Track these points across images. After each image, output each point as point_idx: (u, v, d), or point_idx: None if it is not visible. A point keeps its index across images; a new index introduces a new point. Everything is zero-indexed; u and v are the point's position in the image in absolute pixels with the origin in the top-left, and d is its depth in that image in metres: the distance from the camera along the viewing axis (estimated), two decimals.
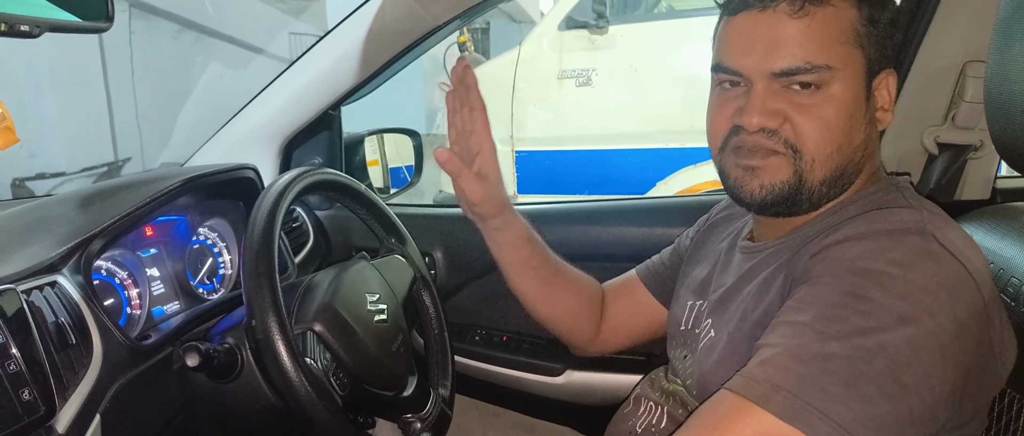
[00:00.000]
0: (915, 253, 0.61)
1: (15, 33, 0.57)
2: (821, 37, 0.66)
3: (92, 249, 0.84)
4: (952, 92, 1.10)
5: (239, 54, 5.52)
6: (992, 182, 1.16)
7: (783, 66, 0.67)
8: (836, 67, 0.67)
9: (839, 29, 0.67)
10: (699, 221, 1.00)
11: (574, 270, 1.03)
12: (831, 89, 0.67)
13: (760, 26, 0.68)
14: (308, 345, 0.82)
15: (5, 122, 0.64)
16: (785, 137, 0.69)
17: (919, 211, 0.66)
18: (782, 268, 0.71)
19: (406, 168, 1.61)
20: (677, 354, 0.88)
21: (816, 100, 0.68)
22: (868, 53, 0.69)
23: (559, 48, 3.85)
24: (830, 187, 0.71)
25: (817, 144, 0.68)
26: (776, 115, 0.68)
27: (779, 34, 0.67)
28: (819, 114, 0.68)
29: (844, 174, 0.71)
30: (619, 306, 1.04)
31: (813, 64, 0.66)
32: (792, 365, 0.57)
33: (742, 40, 0.70)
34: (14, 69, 3.82)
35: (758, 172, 0.71)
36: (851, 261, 0.61)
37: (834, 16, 0.67)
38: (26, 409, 0.67)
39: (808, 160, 0.69)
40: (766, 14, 0.68)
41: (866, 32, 0.68)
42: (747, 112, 0.69)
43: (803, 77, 0.67)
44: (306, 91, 1.25)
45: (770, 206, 0.72)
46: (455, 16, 1.16)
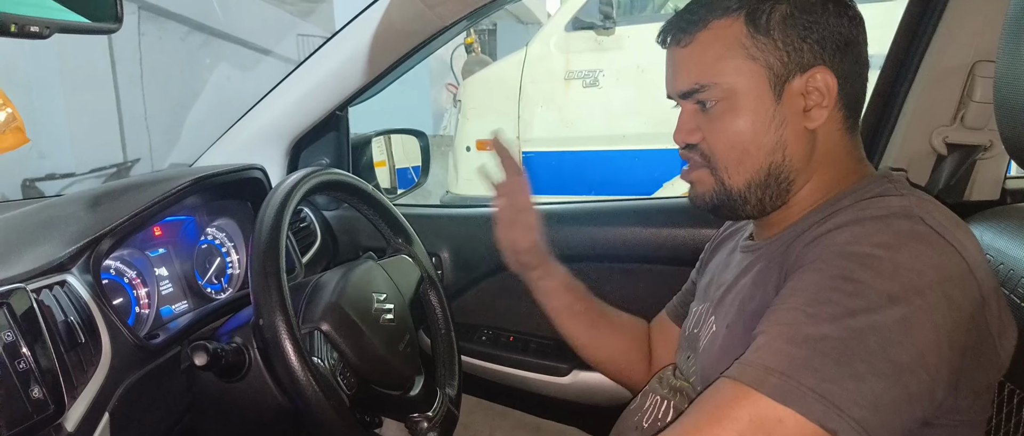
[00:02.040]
0: (903, 235, 0.62)
1: (25, 34, 0.57)
2: (706, 58, 0.73)
3: (101, 249, 0.85)
4: (961, 92, 1.09)
5: (247, 56, 5.55)
6: (1002, 183, 1.15)
7: (681, 88, 0.76)
8: (724, 83, 0.73)
9: (724, 47, 0.72)
10: (707, 245, 1.02)
11: (618, 313, 1.10)
12: (725, 103, 0.73)
13: (669, 58, 0.79)
14: (315, 344, 0.82)
15: (16, 122, 0.65)
16: (702, 150, 0.77)
17: (908, 197, 0.67)
18: (777, 258, 0.73)
19: (413, 169, 1.61)
20: (682, 356, 0.89)
21: (715, 114, 0.74)
22: (766, 62, 0.72)
23: (566, 49, 3.85)
24: (763, 188, 0.75)
25: (724, 152, 0.75)
26: (694, 132, 0.77)
27: (675, 63, 0.77)
28: (721, 126, 0.74)
29: (770, 175, 0.74)
30: (661, 344, 1.06)
31: (701, 83, 0.74)
32: (784, 347, 0.59)
33: (665, 73, 0.80)
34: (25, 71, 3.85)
35: (693, 185, 0.80)
36: (840, 246, 0.63)
37: (715, 37, 0.73)
38: (36, 407, 0.67)
39: (722, 168, 0.76)
40: (669, 49, 0.79)
41: (754, 43, 0.71)
42: (674, 131, 0.79)
43: (699, 96, 0.75)
44: (313, 92, 1.25)
45: (712, 211, 0.79)
46: (462, 17, 1.16)
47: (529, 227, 1.02)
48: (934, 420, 0.62)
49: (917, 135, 1.14)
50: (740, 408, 0.59)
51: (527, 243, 1.01)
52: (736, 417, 0.59)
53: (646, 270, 1.30)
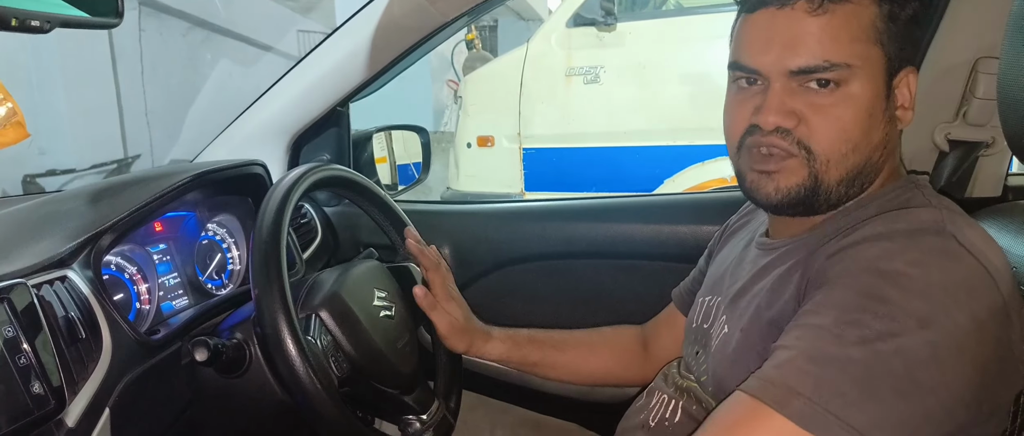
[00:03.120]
0: (933, 253, 0.60)
1: (26, 28, 0.57)
2: (840, 34, 0.66)
3: (102, 244, 0.85)
4: (964, 88, 1.09)
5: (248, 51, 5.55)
6: (1004, 179, 1.14)
7: (801, 64, 0.66)
8: (855, 65, 0.66)
9: (859, 26, 0.66)
10: (716, 234, 1.01)
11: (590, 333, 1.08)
12: (849, 88, 0.67)
13: (778, 23, 0.67)
14: (311, 327, 0.82)
15: (16, 117, 0.65)
16: (798, 137, 0.68)
17: (938, 210, 0.65)
18: (798, 267, 0.70)
19: (414, 165, 1.61)
20: (690, 351, 0.88)
21: (834, 99, 0.67)
22: (888, 51, 0.67)
23: (567, 45, 3.84)
24: (848, 187, 0.70)
25: (832, 144, 0.68)
26: (792, 115, 0.67)
27: (797, 31, 0.66)
28: (836, 114, 0.67)
29: (862, 173, 0.70)
30: (664, 339, 1.05)
31: (832, 62, 0.66)
32: (809, 368, 0.57)
33: (760, 38, 0.69)
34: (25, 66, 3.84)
35: (773, 176, 0.70)
36: (869, 262, 0.60)
37: (854, 13, 0.66)
38: (36, 402, 0.67)
39: (822, 160, 0.68)
40: (784, 12, 0.67)
41: (885, 29, 0.67)
42: (764, 111, 0.68)
43: (821, 75, 0.66)
44: (314, 88, 1.25)
45: (786, 208, 0.71)
46: (463, 13, 1.16)
47: (460, 302, 1.02)
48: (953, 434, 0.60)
49: (919, 131, 1.13)
50: (760, 428, 0.57)
51: (462, 317, 1.00)
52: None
53: (647, 267, 1.30)
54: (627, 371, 1.06)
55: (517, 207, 1.53)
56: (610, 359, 1.06)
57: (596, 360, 1.06)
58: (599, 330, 1.09)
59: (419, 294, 0.96)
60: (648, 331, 1.09)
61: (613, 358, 1.06)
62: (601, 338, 1.08)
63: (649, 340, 1.07)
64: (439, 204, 1.94)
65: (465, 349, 1.00)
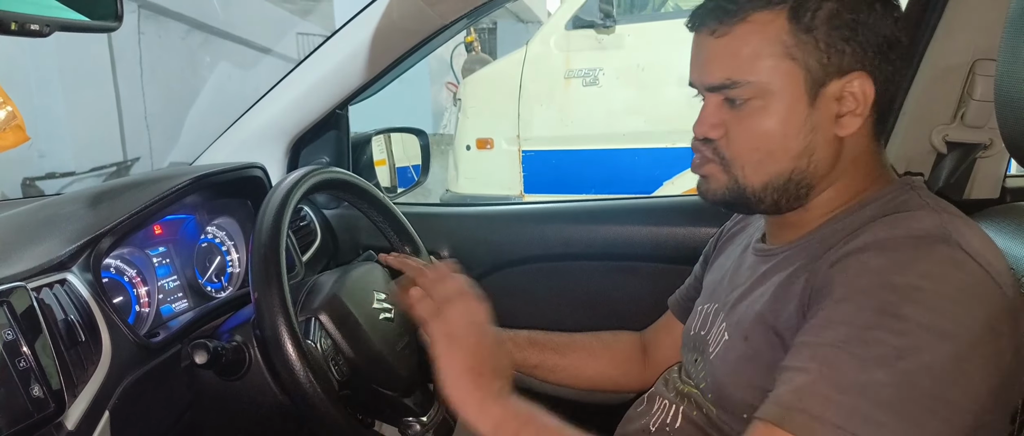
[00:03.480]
0: (943, 263, 0.59)
1: (25, 32, 0.57)
2: (742, 54, 0.69)
3: (101, 247, 0.85)
4: (961, 90, 1.09)
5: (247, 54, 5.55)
6: (1002, 181, 1.15)
7: (709, 82, 0.72)
8: (759, 81, 0.68)
9: (762, 43, 0.68)
10: (711, 240, 1.01)
11: (589, 337, 1.08)
12: (756, 102, 0.69)
13: (695, 45, 0.74)
14: (311, 330, 0.82)
15: (16, 120, 0.65)
16: (717, 146, 0.73)
17: (938, 213, 0.65)
18: (800, 273, 0.70)
19: (413, 167, 1.61)
20: (689, 358, 0.88)
21: (744, 113, 0.70)
22: (805, 64, 0.67)
23: (566, 48, 3.85)
24: (781, 192, 0.72)
25: (742, 153, 0.72)
26: (717, 127, 0.72)
27: (706, 52, 0.72)
28: (746, 126, 0.71)
29: (791, 180, 0.71)
30: (663, 344, 1.05)
31: (733, 80, 0.69)
32: (833, 395, 0.56)
33: (691, 58, 0.75)
34: (25, 69, 3.85)
35: (705, 179, 0.76)
36: (878, 275, 0.60)
37: (755, 32, 0.68)
38: (36, 405, 0.67)
39: (738, 167, 0.72)
40: (697, 35, 0.73)
41: (796, 42, 0.67)
42: (695, 123, 0.75)
43: (728, 92, 0.70)
44: (313, 91, 1.25)
45: (723, 205, 0.76)
46: (462, 15, 1.16)
47: None
48: None
49: (917, 133, 1.13)
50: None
51: None
52: None
53: (646, 269, 1.30)
54: (626, 377, 1.06)
55: (516, 209, 1.53)
56: (609, 364, 1.06)
57: (595, 365, 1.06)
58: (599, 335, 1.09)
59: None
60: (647, 337, 1.09)
61: (612, 364, 1.06)
62: (601, 343, 1.07)
63: (648, 346, 1.07)
64: (438, 206, 1.94)
65: None
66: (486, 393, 0.70)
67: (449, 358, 0.71)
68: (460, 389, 0.70)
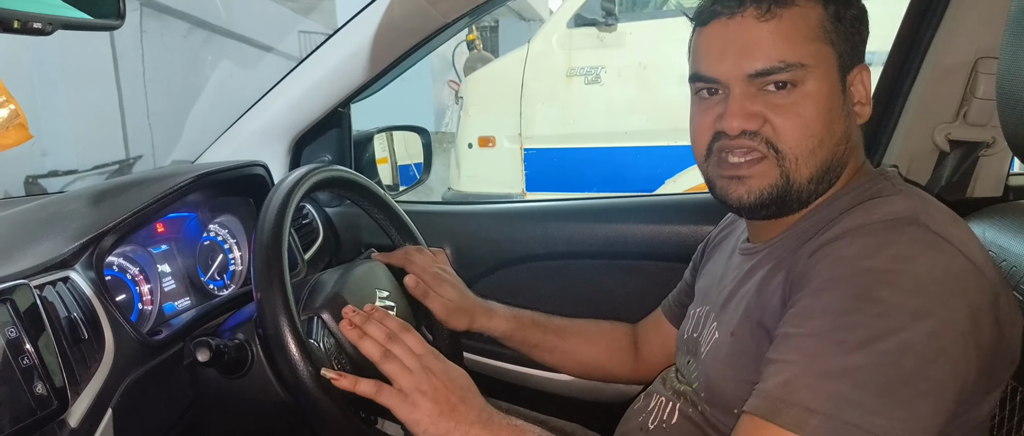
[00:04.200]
0: (915, 245, 0.61)
1: (28, 30, 0.57)
2: (791, 36, 0.68)
3: (104, 245, 0.85)
4: (964, 89, 1.09)
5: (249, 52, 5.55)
6: (1004, 179, 1.15)
7: (758, 67, 0.69)
8: (809, 64, 0.68)
9: (808, 27, 0.69)
10: (700, 246, 1.02)
11: (586, 323, 1.10)
12: (806, 86, 0.69)
13: (730, 32, 0.70)
14: (313, 329, 0.82)
15: (19, 119, 0.65)
16: (766, 137, 0.70)
17: (910, 197, 0.66)
18: (780, 267, 0.71)
19: (415, 166, 1.61)
20: (683, 360, 0.89)
21: (793, 99, 0.69)
22: (838, 49, 0.70)
23: (568, 46, 3.84)
24: (818, 183, 0.72)
25: (798, 141, 0.69)
26: (755, 117, 0.69)
27: (750, 37, 0.69)
28: (797, 112, 0.69)
29: (830, 169, 0.71)
30: (652, 342, 1.07)
31: (787, 63, 0.68)
32: (818, 384, 0.57)
33: (715, 48, 0.72)
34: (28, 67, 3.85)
35: (745, 180, 0.72)
36: (853, 261, 0.61)
37: (801, 15, 0.69)
38: (39, 403, 0.68)
39: (792, 159, 0.70)
40: (735, 20, 0.70)
41: (833, 28, 0.70)
42: (727, 117, 0.70)
43: (778, 76, 0.68)
44: (315, 89, 1.25)
45: (759, 209, 0.73)
46: (464, 14, 1.16)
47: (454, 283, 1.02)
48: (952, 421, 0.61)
49: (919, 132, 1.13)
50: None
51: (457, 296, 1.01)
52: None
53: (648, 267, 1.30)
54: (619, 367, 1.08)
55: (518, 207, 1.53)
56: (603, 352, 1.08)
57: (592, 351, 1.07)
58: (598, 322, 1.11)
59: (410, 284, 0.98)
60: (638, 331, 1.11)
61: (607, 351, 1.08)
62: (599, 330, 1.09)
63: (639, 340, 1.09)
64: (440, 204, 1.94)
65: (467, 326, 1.02)
66: (466, 425, 0.70)
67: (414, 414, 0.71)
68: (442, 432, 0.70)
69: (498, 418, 0.72)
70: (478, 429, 0.70)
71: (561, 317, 1.09)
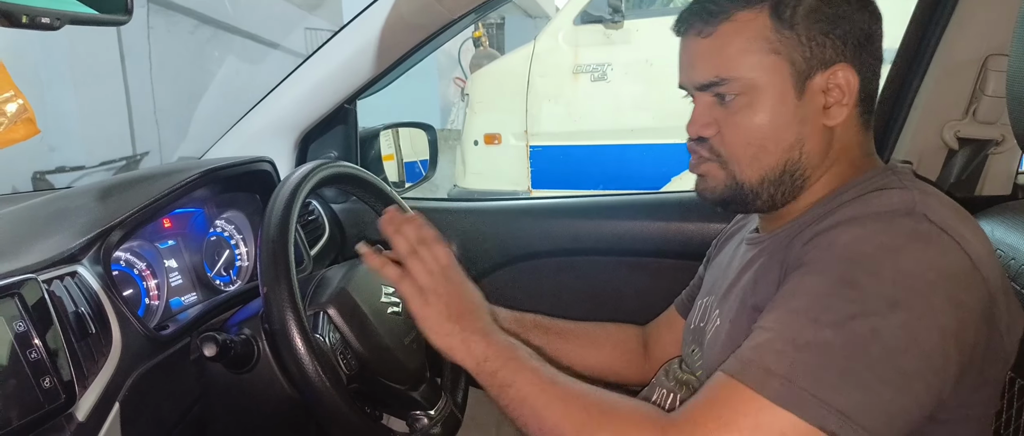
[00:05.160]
0: (905, 235, 0.61)
1: (36, 25, 0.57)
2: (728, 51, 0.71)
3: (111, 240, 0.85)
4: (973, 86, 1.09)
5: (255, 49, 5.56)
6: (1014, 177, 1.14)
7: (699, 80, 0.74)
8: (747, 76, 0.71)
9: (747, 40, 0.70)
10: (715, 240, 1.02)
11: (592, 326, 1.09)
12: (746, 97, 0.71)
13: (683, 47, 0.77)
14: (319, 324, 0.82)
15: (27, 114, 0.65)
16: (712, 145, 0.75)
17: (910, 191, 0.66)
18: (778, 254, 0.72)
19: (421, 162, 1.61)
20: (688, 350, 0.89)
21: (735, 108, 0.72)
22: (790, 57, 0.70)
23: (574, 43, 3.84)
24: (776, 185, 0.74)
25: (737, 148, 0.73)
26: (709, 125, 0.75)
27: (693, 52, 0.75)
28: (738, 121, 0.72)
29: (786, 171, 0.73)
30: (664, 340, 1.06)
31: (722, 77, 0.72)
32: (785, 350, 0.59)
33: (679, 60, 0.78)
34: (35, 63, 3.87)
35: (702, 178, 0.78)
36: (842, 248, 0.63)
37: (737, 30, 0.71)
38: (47, 397, 0.68)
39: (734, 163, 0.74)
40: (686, 37, 0.76)
41: (779, 37, 0.70)
42: (688, 123, 0.77)
43: (718, 89, 0.73)
44: (322, 85, 1.25)
45: (721, 205, 0.78)
46: (470, 10, 1.16)
47: None
48: (940, 415, 0.62)
49: (928, 129, 1.13)
50: (741, 409, 0.59)
51: None
52: (734, 420, 0.58)
53: (655, 264, 1.30)
54: (627, 369, 1.07)
55: (524, 205, 1.53)
56: (611, 355, 1.07)
57: (598, 354, 1.07)
58: (603, 325, 1.10)
59: None
60: (649, 332, 1.10)
61: (614, 354, 1.07)
62: (604, 333, 1.09)
63: (649, 340, 1.09)
64: (446, 201, 1.94)
65: None
66: (469, 332, 0.74)
67: (424, 310, 0.75)
68: (442, 335, 0.74)
69: (499, 335, 0.76)
70: (478, 338, 0.74)
71: (565, 320, 1.08)
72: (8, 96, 0.65)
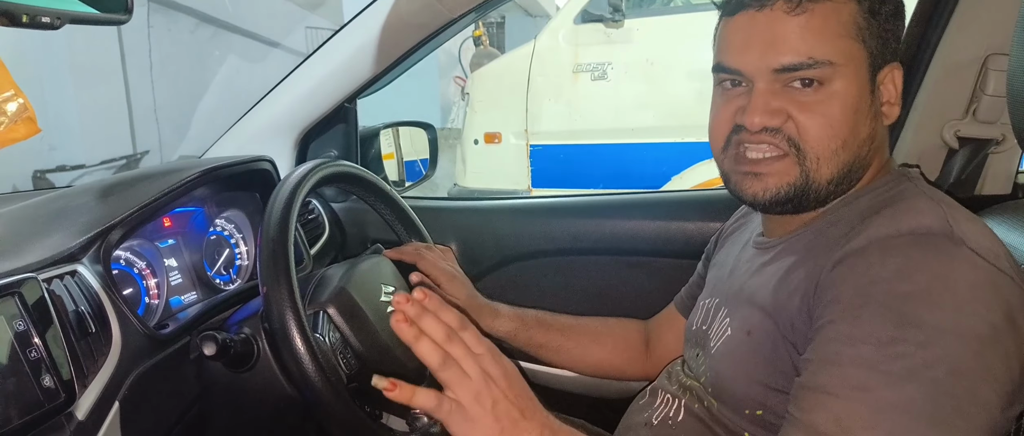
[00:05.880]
0: (952, 262, 0.59)
1: (36, 25, 0.57)
2: (821, 32, 0.66)
3: (111, 239, 0.85)
4: (973, 86, 1.08)
5: (256, 48, 5.56)
6: (1014, 177, 1.14)
7: (785, 62, 0.67)
8: (838, 62, 0.66)
9: (839, 23, 0.66)
10: (713, 237, 1.01)
11: (595, 321, 1.09)
12: (834, 85, 0.67)
13: (758, 24, 0.68)
14: (319, 323, 0.83)
15: (27, 113, 0.65)
16: (788, 135, 0.68)
17: (938, 205, 0.64)
18: (798, 267, 0.69)
19: (421, 161, 1.61)
20: (691, 353, 0.88)
21: (819, 97, 0.67)
22: (870, 47, 0.68)
23: (574, 42, 3.83)
24: (837, 184, 0.70)
25: (821, 141, 0.68)
26: (778, 113, 0.68)
27: (778, 31, 0.67)
28: (822, 111, 0.67)
29: (851, 171, 0.70)
30: (665, 337, 1.06)
31: (815, 59, 0.66)
32: (874, 419, 0.55)
33: (740, 39, 0.70)
34: (36, 62, 3.87)
35: (762, 177, 0.71)
36: (889, 282, 0.58)
37: (833, 10, 0.66)
38: (47, 395, 0.68)
39: (813, 158, 0.68)
40: (763, 13, 0.68)
41: (867, 25, 0.67)
42: (749, 111, 0.68)
43: (805, 73, 0.67)
44: (322, 84, 1.25)
45: (774, 207, 0.72)
46: (470, 9, 1.16)
47: (463, 281, 1.04)
48: None
49: (929, 129, 1.13)
50: None
51: (464, 295, 1.02)
52: None
53: (654, 263, 1.30)
54: (629, 365, 1.07)
55: (524, 203, 1.53)
56: (613, 351, 1.07)
57: (600, 350, 1.07)
58: (605, 320, 1.10)
59: (415, 280, 0.99)
60: (651, 328, 1.09)
61: (616, 350, 1.07)
62: (606, 329, 1.09)
63: (651, 337, 1.08)
64: (446, 200, 1.94)
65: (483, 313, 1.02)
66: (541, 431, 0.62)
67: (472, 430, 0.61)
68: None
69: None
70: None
71: (567, 316, 1.09)
72: (8, 95, 0.64)
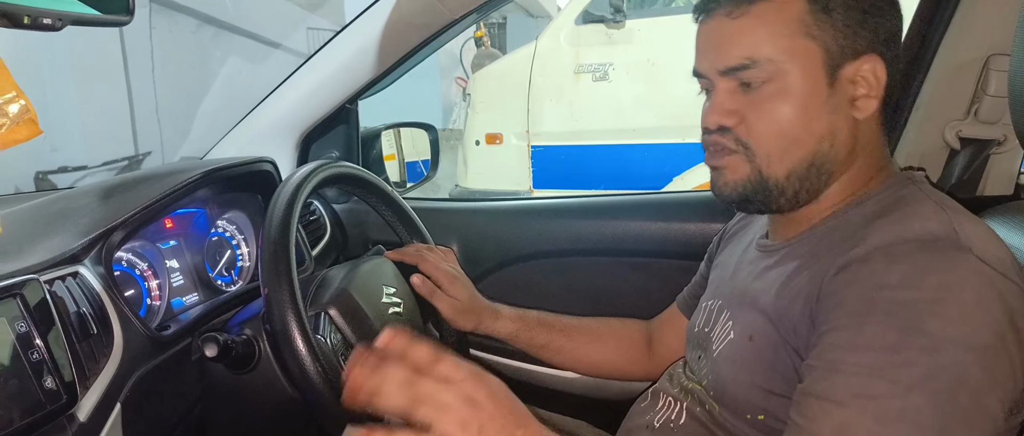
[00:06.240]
0: (959, 270, 0.58)
1: (38, 26, 0.57)
2: (761, 33, 0.68)
3: (113, 240, 0.85)
4: (975, 86, 1.08)
5: (257, 49, 5.57)
6: (1016, 178, 1.14)
7: (725, 64, 0.70)
8: (779, 60, 0.68)
9: (782, 23, 0.68)
10: (716, 237, 1.01)
11: (596, 322, 1.09)
12: (779, 83, 0.68)
13: (709, 31, 0.72)
14: (320, 325, 0.82)
15: (29, 114, 0.65)
16: (737, 135, 0.71)
17: (944, 210, 0.64)
18: (801, 271, 0.69)
19: (422, 162, 1.61)
20: (693, 355, 0.88)
21: (766, 95, 0.69)
22: (824, 43, 0.68)
23: (576, 42, 3.84)
24: (803, 180, 0.71)
25: (768, 140, 0.70)
26: (732, 114, 0.71)
27: (722, 35, 0.71)
28: (768, 109, 0.69)
29: (813, 166, 0.70)
30: (667, 337, 1.06)
31: (754, 59, 0.68)
32: (877, 429, 0.55)
33: (698, 45, 0.74)
34: (37, 63, 3.87)
35: (721, 172, 0.74)
36: (895, 290, 0.58)
37: (775, 11, 0.68)
38: (48, 397, 0.68)
39: (763, 156, 0.70)
40: (712, 18, 0.72)
41: (816, 21, 0.67)
42: (705, 113, 0.73)
43: (745, 74, 0.69)
44: (323, 85, 1.25)
45: (740, 203, 0.74)
46: (471, 10, 1.16)
47: (464, 283, 1.04)
48: None
49: (930, 129, 1.12)
50: None
51: (466, 297, 1.02)
52: None
53: (656, 264, 1.30)
54: (631, 365, 1.07)
55: (525, 204, 1.53)
56: (615, 351, 1.07)
57: (601, 350, 1.07)
58: (607, 320, 1.10)
59: (416, 282, 0.99)
60: (653, 328, 1.09)
61: (618, 350, 1.07)
62: (608, 329, 1.09)
63: (653, 337, 1.08)
64: (447, 201, 1.94)
65: (473, 327, 1.02)
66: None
67: None
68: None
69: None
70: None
71: (568, 316, 1.08)
72: (10, 97, 0.64)
